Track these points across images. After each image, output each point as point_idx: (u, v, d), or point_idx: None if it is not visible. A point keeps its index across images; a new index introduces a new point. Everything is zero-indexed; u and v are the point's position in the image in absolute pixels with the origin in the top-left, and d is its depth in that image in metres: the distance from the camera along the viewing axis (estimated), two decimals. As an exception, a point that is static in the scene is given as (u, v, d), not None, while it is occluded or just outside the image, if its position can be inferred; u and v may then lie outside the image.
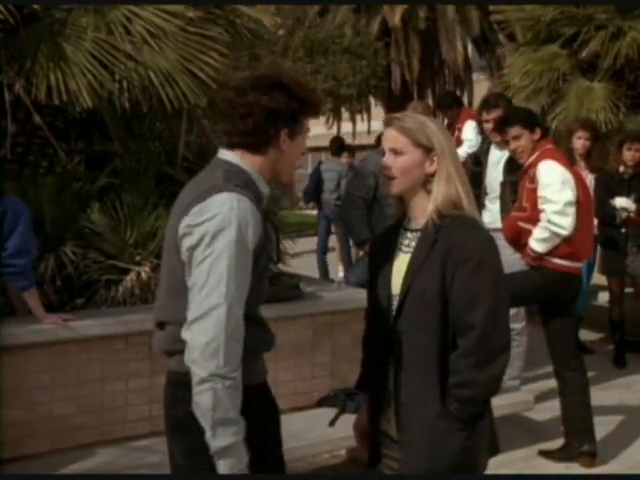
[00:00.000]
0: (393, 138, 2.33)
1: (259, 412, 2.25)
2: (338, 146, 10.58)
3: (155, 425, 4.04)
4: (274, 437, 2.36)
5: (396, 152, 2.32)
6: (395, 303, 2.32)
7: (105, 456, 3.77)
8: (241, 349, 2.09)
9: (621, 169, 6.55)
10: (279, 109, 2.19)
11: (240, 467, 2.11)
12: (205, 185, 2.19)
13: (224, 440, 2.06)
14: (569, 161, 4.83)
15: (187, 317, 2.09)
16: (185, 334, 2.09)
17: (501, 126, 4.73)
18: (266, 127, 2.20)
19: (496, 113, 5.40)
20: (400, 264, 2.35)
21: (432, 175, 2.30)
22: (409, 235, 2.37)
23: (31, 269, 3.80)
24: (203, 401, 2.05)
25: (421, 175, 2.31)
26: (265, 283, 2.30)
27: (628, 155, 6.45)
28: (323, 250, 10.31)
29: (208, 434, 2.07)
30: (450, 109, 7.82)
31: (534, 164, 4.49)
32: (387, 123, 2.37)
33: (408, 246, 2.35)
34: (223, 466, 2.09)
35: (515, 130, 4.55)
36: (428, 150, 2.30)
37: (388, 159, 2.34)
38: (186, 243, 2.13)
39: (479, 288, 2.21)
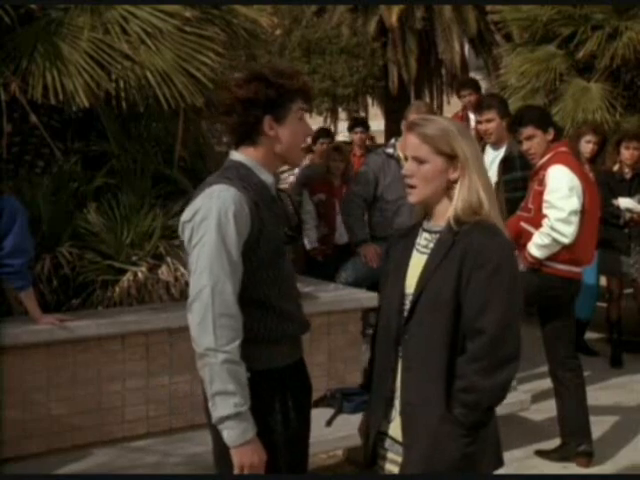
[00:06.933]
0: (415, 146, 2.28)
1: (275, 394, 2.40)
2: None
3: (152, 425, 4.05)
4: (295, 419, 2.48)
5: (419, 161, 2.28)
6: (408, 303, 2.30)
7: (102, 456, 3.77)
8: (234, 324, 2.25)
9: (615, 168, 6.53)
10: (255, 98, 2.34)
11: (245, 438, 2.25)
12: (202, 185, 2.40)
13: (222, 410, 2.24)
14: (580, 165, 4.75)
15: None
16: (187, 316, 2.30)
17: (513, 125, 4.65)
18: (247, 117, 2.35)
19: (488, 115, 5.34)
20: (416, 264, 2.32)
21: (455, 181, 2.27)
22: (427, 236, 2.34)
23: (27, 269, 3.80)
24: (203, 375, 2.26)
25: (443, 182, 2.28)
26: (280, 270, 2.41)
27: (627, 154, 6.41)
28: None
29: (210, 404, 2.27)
30: (476, 92, 7.58)
31: (545, 166, 4.42)
32: (409, 128, 2.32)
33: (425, 247, 2.32)
34: (225, 435, 2.26)
35: (528, 130, 4.47)
36: (451, 157, 2.26)
37: (411, 167, 2.30)
38: (184, 239, 2.35)
39: (493, 293, 2.18)
